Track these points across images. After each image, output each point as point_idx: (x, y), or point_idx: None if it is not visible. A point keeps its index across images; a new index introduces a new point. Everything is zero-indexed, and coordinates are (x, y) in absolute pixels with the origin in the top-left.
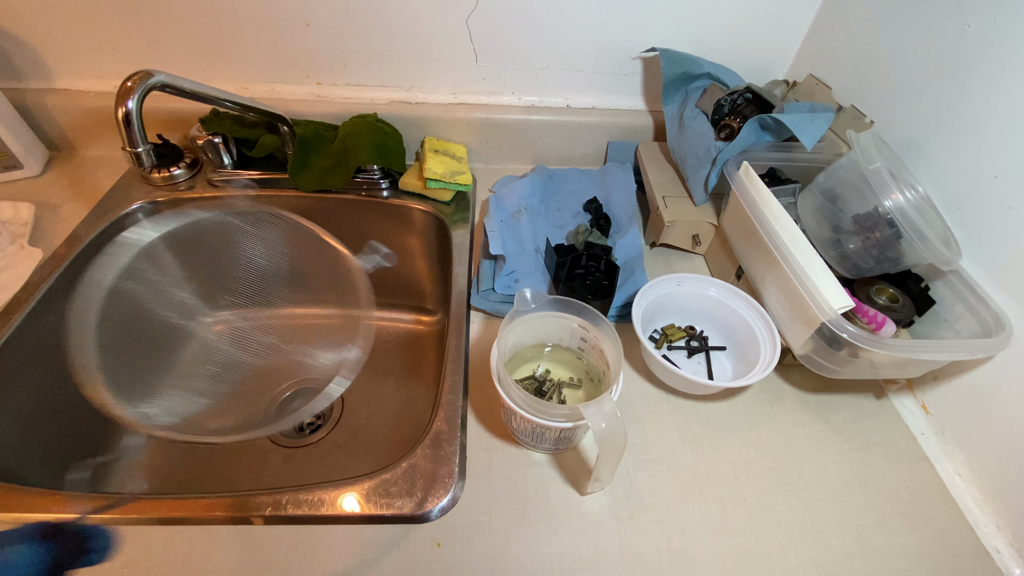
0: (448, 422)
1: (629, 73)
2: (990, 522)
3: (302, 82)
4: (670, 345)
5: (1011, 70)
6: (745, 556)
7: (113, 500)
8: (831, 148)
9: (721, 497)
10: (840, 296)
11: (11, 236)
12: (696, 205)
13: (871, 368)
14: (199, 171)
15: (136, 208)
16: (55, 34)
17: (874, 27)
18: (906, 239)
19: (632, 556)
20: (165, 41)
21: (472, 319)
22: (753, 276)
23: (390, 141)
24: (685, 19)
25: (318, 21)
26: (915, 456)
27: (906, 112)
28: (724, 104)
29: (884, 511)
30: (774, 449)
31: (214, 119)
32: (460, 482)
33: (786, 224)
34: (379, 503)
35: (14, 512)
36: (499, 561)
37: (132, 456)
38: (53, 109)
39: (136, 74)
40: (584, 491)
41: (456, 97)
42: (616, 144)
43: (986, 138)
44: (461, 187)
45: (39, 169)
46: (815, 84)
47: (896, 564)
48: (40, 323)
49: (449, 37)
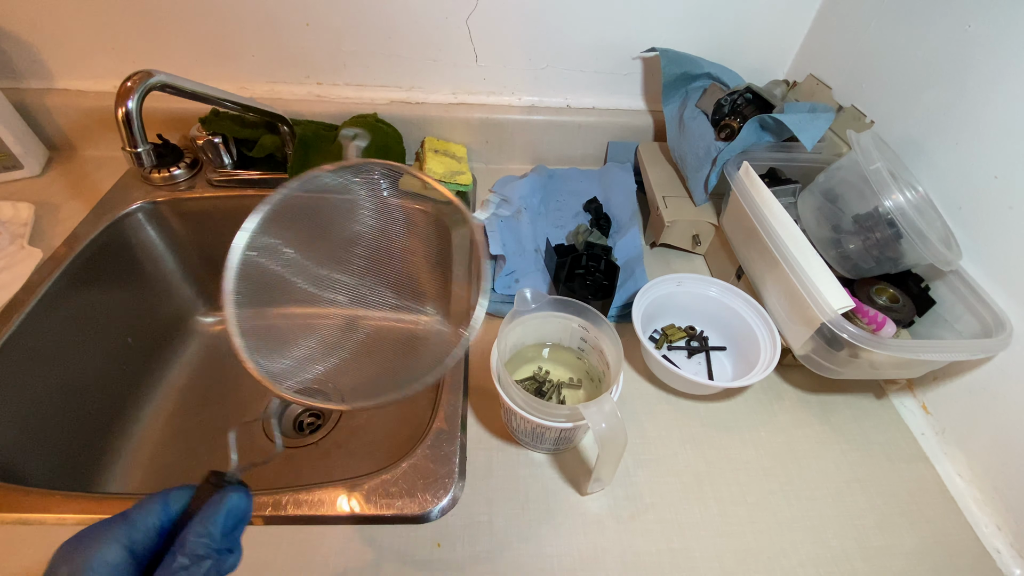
0: (448, 422)
1: (629, 73)
2: (990, 522)
3: (302, 82)
4: (670, 345)
5: (1011, 70)
6: (745, 556)
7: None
8: (831, 148)
9: (721, 497)
10: (840, 296)
11: (11, 236)
12: (696, 205)
13: (871, 368)
14: (199, 171)
15: (136, 208)
16: (55, 34)
17: (874, 27)
18: (906, 239)
19: (632, 556)
20: (165, 41)
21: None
22: (753, 276)
23: (390, 141)
24: (685, 19)
25: (318, 21)
26: (915, 456)
27: (906, 112)
28: (724, 104)
29: (884, 511)
30: (774, 449)
31: (214, 119)
32: (460, 482)
33: (786, 224)
34: (379, 503)
35: (14, 512)
36: (499, 561)
37: (272, 416)
38: (53, 109)
39: (136, 74)
40: (584, 491)
41: (456, 97)
42: (616, 144)
43: (986, 138)
44: (461, 187)
45: (39, 169)
46: (815, 84)
47: (896, 564)
48: (40, 323)
49: (449, 37)
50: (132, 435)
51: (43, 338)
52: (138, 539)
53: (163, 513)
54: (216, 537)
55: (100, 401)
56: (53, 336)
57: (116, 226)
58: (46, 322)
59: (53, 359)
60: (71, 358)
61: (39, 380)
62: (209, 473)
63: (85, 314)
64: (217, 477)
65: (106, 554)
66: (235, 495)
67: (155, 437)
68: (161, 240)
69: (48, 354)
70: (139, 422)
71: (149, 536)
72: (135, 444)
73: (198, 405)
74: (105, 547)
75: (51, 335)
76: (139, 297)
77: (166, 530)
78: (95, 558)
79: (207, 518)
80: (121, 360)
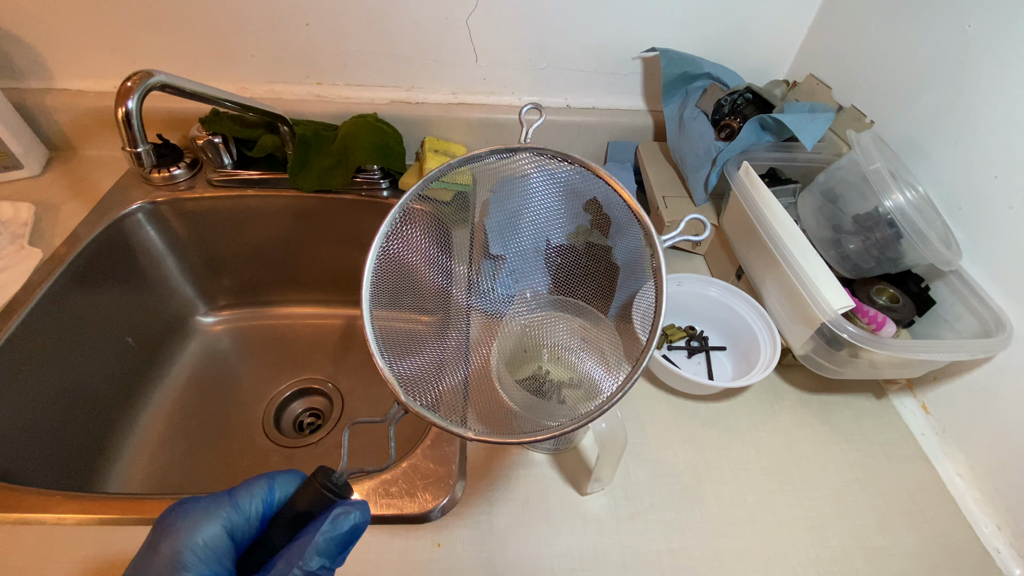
0: None
1: (629, 73)
2: (990, 522)
3: (302, 82)
4: (670, 345)
5: (1011, 70)
6: (745, 556)
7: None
8: (831, 148)
9: (721, 497)
10: (840, 296)
11: (11, 236)
12: (696, 205)
13: (871, 368)
14: (199, 171)
15: (136, 208)
16: (55, 34)
17: (874, 27)
18: (906, 239)
19: (632, 556)
20: (165, 41)
21: (472, 319)
22: (753, 276)
23: (390, 141)
24: (685, 19)
25: (318, 21)
26: (915, 456)
27: (906, 112)
28: (724, 104)
29: (884, 511)
30: (774, 449)
31: (214, 119)
32: (460, 482)
33: (786, 224)
34: (379, 503)
35: (14, 512)
36: (499, 561)
37: (392, 422)
38: (53, 109)
39: (136, 74)
40: (584, 491)
41: (456, 97)
42: (616, 144)
43: (986, 138)
44: (461, 187)
45: (39, 169)
46: (815, 84)
47: (896, 564)
48: (40, 323)
49: (449, 37)
50: (132, 435)
51: (43, 338)
52: (239, 523)
53: (267, 499)
54: (334, 556)
55: (100, 401)
56: (53, 336)
57: (116, 226)
58: (46, 322)
59: (53, 359)
60: (71, 358)
61: (39, 380)
62: (318, 469)
63: (85, 314)
64: (325, 476)
65: (207, 534)
66: (358, 513)
67: (155, 437)
68: (161, 240)
69: (48, 354)
70: (139, 422)
71: (250, 522)
72: (135, 444)
73: (198, 405)
74: (207, 526)
75: (51, 335)
76: (139, 297)
77: (267, 517)
78: (196, 536)
79: (331, 536)
80: (121, 360)
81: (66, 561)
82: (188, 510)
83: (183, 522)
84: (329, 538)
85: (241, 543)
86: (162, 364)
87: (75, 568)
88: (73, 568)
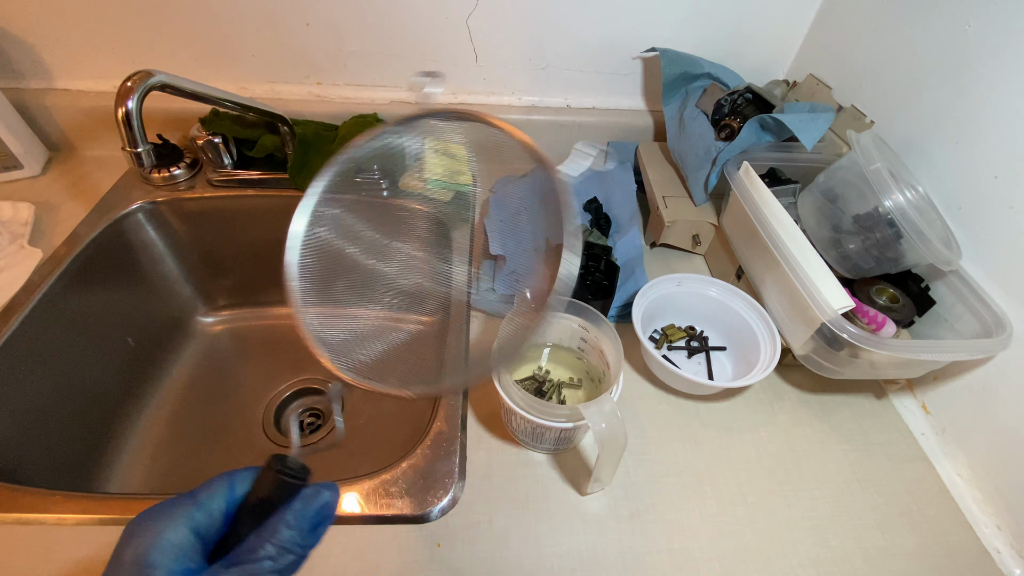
0: (448, 422)
1: (629, 73)
2: (990, 522)
3: (302, 82)
4: (670, 345)
5: (1011, 70)
6: (745, 556)
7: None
8: (831, 148)
9: (721, 497)
10: (840, 296)
11: (11, 236)
12: (696, 205)
13: (871, 368)
14: (199, 171)
15: (136, 208)
16: (55, 34)
17: (874, 27)
18: (906, 239)
19: (632, 556)
20: (165, 41)
21: (472, 319)
22: (753, 276)
23: None
24: (685, 19)
25: (318, 21)
26: (915, 456)
27: (906, 112)
28: (724, 104)
29: (884, 511)
30: (774, 449)
31: (214, 119)
32: (460, 482)
33: (786, 224)
34: (379, 503)
35: (14, 512)
36: (499, 561)
37: (334, 400)
38: (53, 109)
39: (136, 74)
40: (584, 491)
41: (456, 97)
42: (616, 144)
43: (986, 138)
44: (461, 187)
45: (39, 169)
46: (815, 84)
47: (896, 564)
48: (40, 323)
49: (449, 37)
50: (132, 435)
51: (43, 338)
52: (204, 521)
53: (229, 496)
54: (306, 533)
55: (100, 401)
56: (53, 336)
57: (116, 226)
58: (46, 322)
59: (53, 359)
60: (71, 358)
61: (39, 380)
62: (271, 458)
63: (85, 314)
64: (279, 462)
65: (173, 535)
66: (328, 493)
67: (155, 437)
68: (161, 240)
69: (48, 354)
70: (139, 422)
71: (215, 519)
72: (135, 444)
73: (198, 405)
74: (172, 527)
75: (51, 335)
76: (139, 297)
77: (230, 514)
78: (162, 538)
79: (300, 513)
80: (121, 360)
81: (66, 561)
82: (151, 514)
83: (148, 524)
84: (300, 515)
85: (208, 540)
86: (162, 364)
87: (75, 568)
88: (73, 568)
